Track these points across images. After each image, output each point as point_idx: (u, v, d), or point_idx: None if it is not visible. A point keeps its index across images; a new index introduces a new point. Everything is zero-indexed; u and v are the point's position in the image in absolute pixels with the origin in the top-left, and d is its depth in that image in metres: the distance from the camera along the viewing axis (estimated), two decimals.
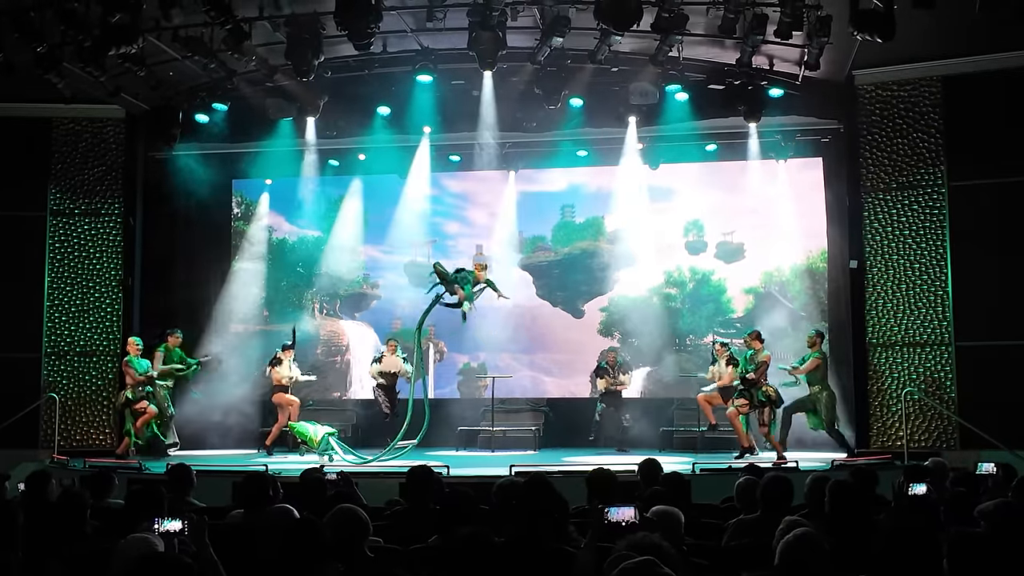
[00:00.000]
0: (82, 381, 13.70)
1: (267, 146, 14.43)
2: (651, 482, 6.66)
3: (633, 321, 14.92)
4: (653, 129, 13.94)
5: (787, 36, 10.78)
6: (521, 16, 11.44)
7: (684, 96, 13.08)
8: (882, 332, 12.60)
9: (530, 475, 5.24)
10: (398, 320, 15.73)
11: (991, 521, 4.49)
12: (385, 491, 8.01)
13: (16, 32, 10.54)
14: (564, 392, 15.13)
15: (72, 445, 13.19)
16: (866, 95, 12.87)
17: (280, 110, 13.44)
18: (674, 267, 15.19)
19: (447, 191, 16.10)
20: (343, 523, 4.34)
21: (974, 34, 11.43)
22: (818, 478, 5.54)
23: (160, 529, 4.21)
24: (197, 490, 6.80)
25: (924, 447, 11.92)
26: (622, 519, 4.22)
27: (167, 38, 11.44)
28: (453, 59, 12.71)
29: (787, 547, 3.69)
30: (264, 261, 15.96)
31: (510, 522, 4.57)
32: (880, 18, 9.68)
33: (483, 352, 15.26)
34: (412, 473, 6.16)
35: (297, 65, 11.49)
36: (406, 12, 11.74)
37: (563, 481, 8.07)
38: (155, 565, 3.33)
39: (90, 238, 13.95)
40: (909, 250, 12.57)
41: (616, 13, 10.21)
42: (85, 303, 13.85)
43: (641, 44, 11.97)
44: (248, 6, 11.01)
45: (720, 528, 5.73)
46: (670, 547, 3.55)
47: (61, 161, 14.00)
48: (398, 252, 15.93)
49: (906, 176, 12.66)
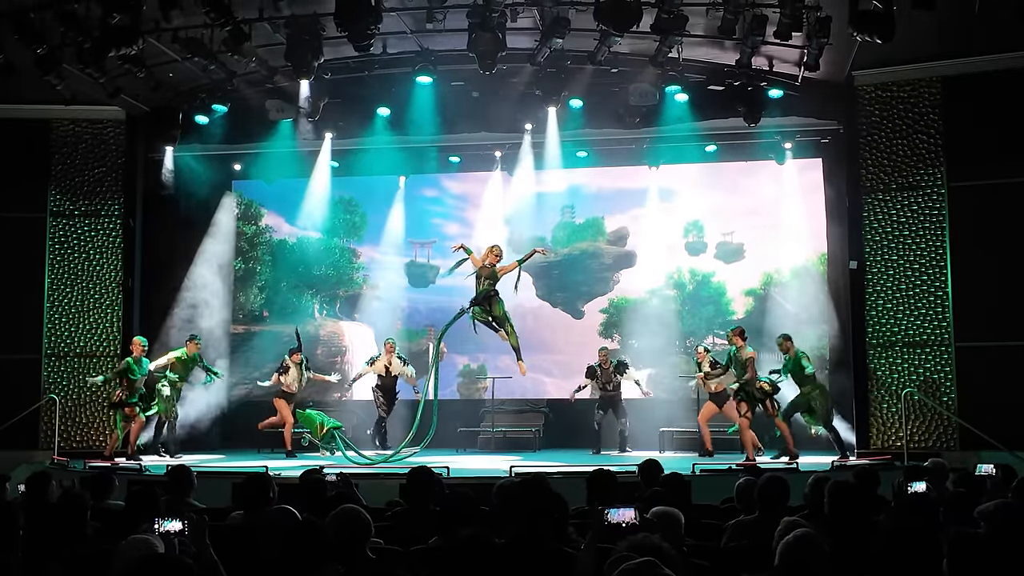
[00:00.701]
0: (82, 382, 13.66)
1: (267, 147, 14.43)
2: (651, 483, 6.66)
3: (633, 323, 14.93)
4: (653, 130, 13.94)
5: (787, 37, 10.78)
6: (521, 17, 11.46)
7: (684, 97, 13.08)
8: (882, 333, 12.59)
9: (525, 476, 5.24)
10: (398, 321, 15.76)
11: (991, 522, 4.48)
12: (385, 492, 8.01)
13: (16, 34, 10.55)
14: (564, 393, 15.06)
15: (72, 446, 13.19)
16: (866, 96, 12.87)
17: (280, 111, 13.44)
18: (674, 269, 15.20)
19: (447, 192, 16.13)
20: (345, 523, 4.33)
21: (974, 35, 11.43)
22: (819, 479, 5.54)
23: (160, 529, 4.21)
24: (197, 491, 6.80)
25: (924, 448, 11.91)
26: (622, 520, 4.22)
27: (167, 39, 11.44)
28: (453, 60, 12.72)
29: (787, 548, 3.69)
30: (264, 262, 15.98)
31: (510, 523, 4.56)
32: (880, 19, 9.68)
33: (483, 353, 15.25)
34: (412, 474, 6.16)
35: (297, 66, 11.49)
36: (406, 13, 11.74)
37: (563, 482, 8.11)
38: (155, 566, 3.33)
39: (90, 239, 13.95)
40: (909, 251, 12.57)
41: (616, 14, 10.21)
42: (85, 304, 13.84)
43: (641, 45, 11.97)
44: (248, 7, 11.01)
45: (720, 529, 5.73)
46: (670, 548, 3.55)
47: (61, 162, 14.00)
48: (398, 253, 15.95)
49: (906, 177, 12.65)
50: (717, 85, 12.95)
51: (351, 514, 4.38)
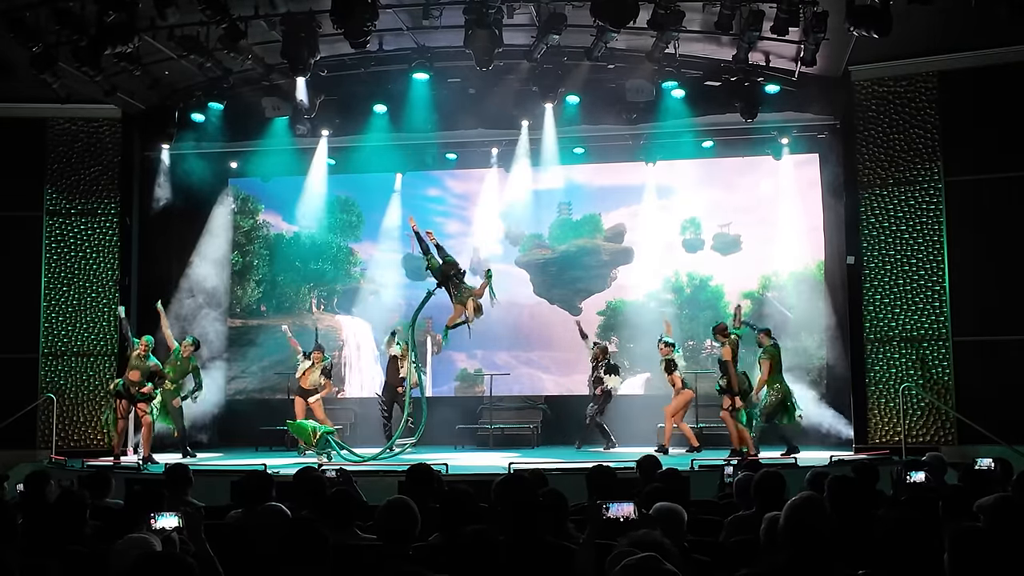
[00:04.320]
0: (79, 381, 13.68)
1: (263, 145, 14.41)
2: (649, 478, 6.65)
3: (630, 327, 14.91)
4: (649, 126, 13.93)
5: (783, 32, 10.77)
6: (517, 14, 11.44)
7: (680, 93, 13.07)
8: (879, 328, 12.60)
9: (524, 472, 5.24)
10: (395, 314, 15.77)
11: (991, 516, 4.48)
12: (384, 489, 8.00)
13: (11, 32, 10.53)
14: (562, 389, 15.13)
15: (70, 445, 13.18)
16: (862, 91, 12.87)
17: (276, 109, 13.41)
18: (672, 273, 15.18)
19: (444, 188, 16.11)
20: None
21: (970, 29, 11.44)
22: (818, 473, 5.55)
23: (156, 525, 4.20)
24: (195, 490, 6.80)
25: (922, 442, 11.93)
26: (621, 515, 4.22)
27: (163, 37, 11.41)
28: (449, 57, 12.71)
29: (792, 509, 3.69)
30: (261, 256, 15.97)
31: (509, 520, 4.56)
32: (876, 13, 9.69)
33: (480, 350, 15.24)
34: (412, 471, 6.16)
35: (293, 64, 11.47)
36: (402, 10, 11.73)
37: (562, 478, 8.11)
38: (154, 564, 3.32)
39: (86, 238, 13.93)
40: (906, 245, 12.58)
41: (612, 10, 10.21)
42: (82, 303, 13.83)
43: (637, 41, 11.96)
44: (244, 5, 10.99)
45: (719, 524, 5.73)
46: (671, 544, 3.55)
47: (57, 161, 13.98)
48: (395, 249, 15.93)
49: (903, 171, 12.66)
50: (714, 81, 12.95)
51: (401, 505, 4.42)
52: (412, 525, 4.47)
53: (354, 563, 4.46)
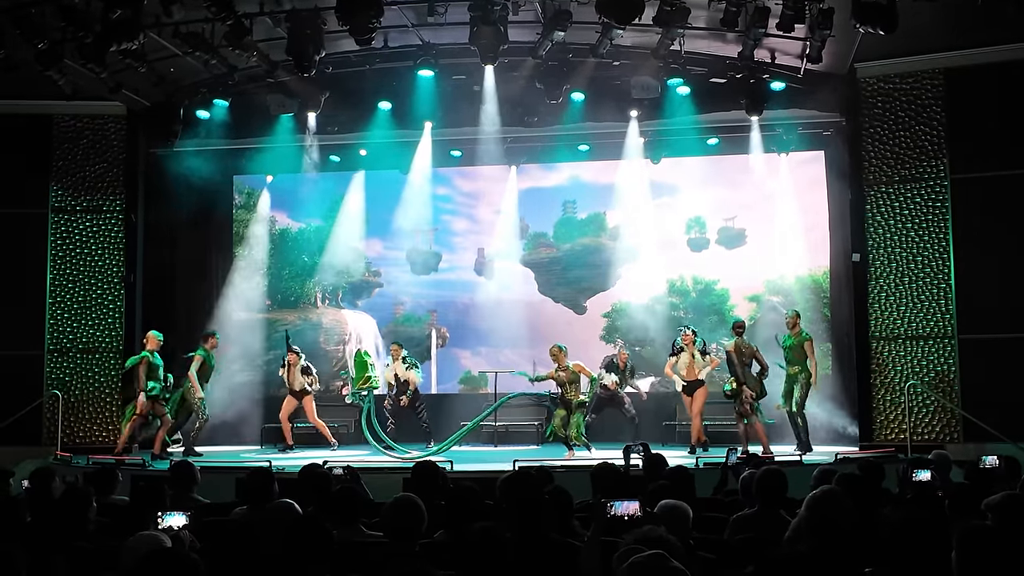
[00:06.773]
0: (85, 378, 13.70)
1: (268, 142, 14.40)
2: (655, 476, 6.65)
3: (636, 330, 14.89)
4: (655, 123, 13.91)
5: (789, 29, 10.74)
6: (522, 10, 11.41)
7: (686, 90, 13.03)
8: (885, 325, 12.58)
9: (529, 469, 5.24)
10: (400, 306, 15.78)
11: (999, 514, 4.47)
12: (389, 487, 8.00)
13: (17, 29, 10.52)
14: None
15: (75, 442, 13.19)
16: (868, 88, 12.84)
17: (281, 106, 13.40)
18: (677, 276, 15.15)
19: (448, 186, 16.09)
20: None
21: (976, 26, 11.40)
22: (824, 471, 5.53)
23: (163, 524, 4.21)
24: (201, 487, 6.80)
25: (927, 440, 11.90)
26: (626, 513, 4.21)
27: (168, 34, 11.40)
28: (454, 54, 12.68)
29: (813, 502, 3.69)
30: (266, 251, 15.97)
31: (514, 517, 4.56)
32: (882, 10, 9.65)
33: (484, 347, 15.25)
34: (417, 468, 6.16)
35: (298, 60, 11.46)
36: (407, 7, 11.70)
37: (567, 476, 8.10)
38: (162, 561, 3.32)
39: (92, 235, 13.94)
40: (911, 243, 12.55)
41: (618, 7, 10.17)
42: (87, 300, 13.84)
43: (643, 38, 11.92)
44: (249, 2, 10.97)
45: (724, 522, 5.72)
46: (677, 541, 3.54)
47: (62, 158, 13.98)
48: (400, 246, 15.94)
49: (908, 169, 12.64)
50: (719, 78, 12.92)
51: (408, 502, 4.41)
52: (419, 523, 4.48)
53: (360, 560, 4.46)
